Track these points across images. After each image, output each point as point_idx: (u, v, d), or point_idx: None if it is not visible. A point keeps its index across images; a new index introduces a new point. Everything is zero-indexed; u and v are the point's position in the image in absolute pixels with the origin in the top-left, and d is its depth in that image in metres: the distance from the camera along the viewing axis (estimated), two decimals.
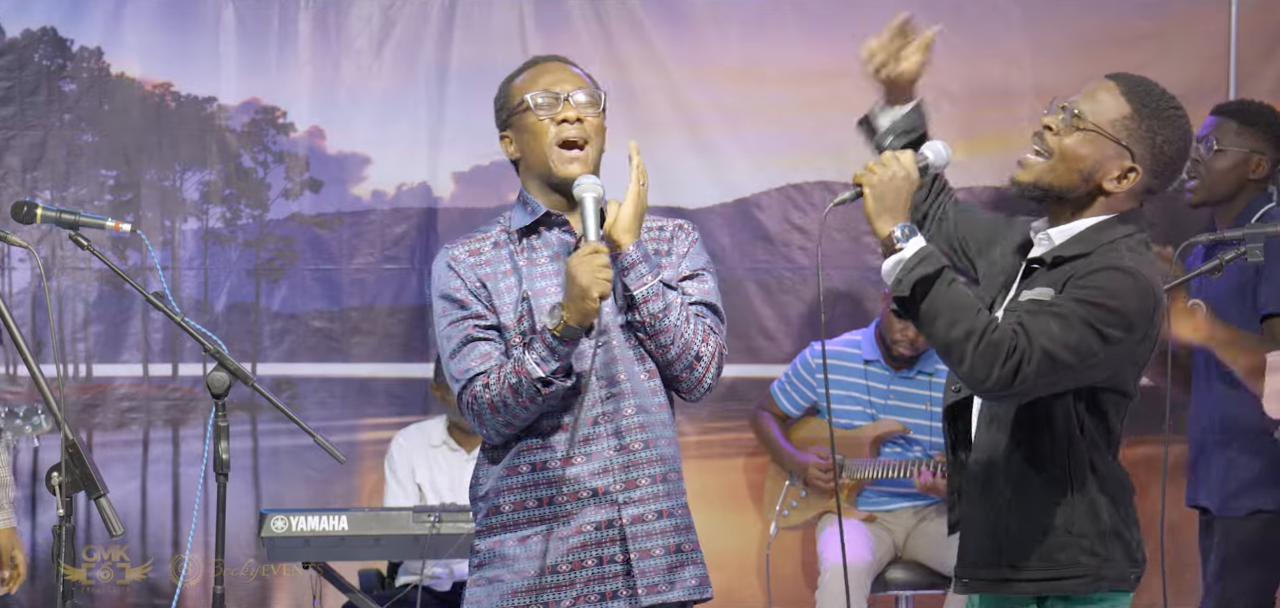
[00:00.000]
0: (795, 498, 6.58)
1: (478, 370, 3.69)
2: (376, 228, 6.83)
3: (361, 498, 6.77)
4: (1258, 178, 5.22)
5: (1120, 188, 3.46)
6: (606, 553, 3.75)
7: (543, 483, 3.73)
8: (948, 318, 3.35)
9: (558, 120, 3.74)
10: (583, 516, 3.73)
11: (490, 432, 3.72)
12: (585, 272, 3.56)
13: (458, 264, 3.75)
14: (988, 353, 3.30)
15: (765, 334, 6.93)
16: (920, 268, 3.38)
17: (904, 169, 3.50)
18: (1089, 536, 3.44)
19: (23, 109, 6.68)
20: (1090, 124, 3.47)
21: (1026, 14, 6.87)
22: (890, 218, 3.46)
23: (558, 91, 3.76)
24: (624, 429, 3.76)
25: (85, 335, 6.74)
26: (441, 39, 6.81)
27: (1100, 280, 3.36)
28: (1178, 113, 3.50)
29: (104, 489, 3.50)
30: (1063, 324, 3.32)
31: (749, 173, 6.91)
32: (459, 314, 3.73)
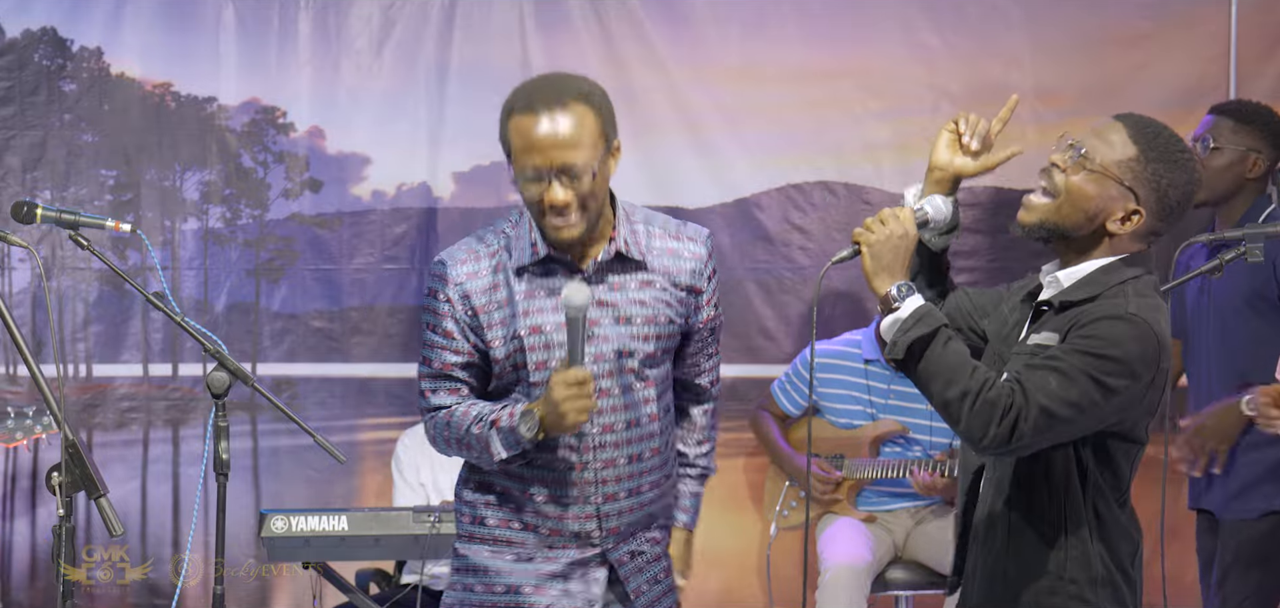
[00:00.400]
0: (795, 499, 6.58)
1: (444, 403, 3.75)
2: (376, 228, 6.83)
3: (361, 498, 6.77)
4: (1255, 176, 5.22)
5: (1124, 230, 3.46)
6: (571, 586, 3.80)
7: (529, 512, 3.77)
8: (944, 379, 3.37)
9: (540, 195, 3.62)
10: (564, 554, 3.79)
11: (441, 451, 3.82)
12: (570, 408, 3.56)
13: (454, 288, 3.71)
14: (984, 412, 3.31)
15: (765, 334, 6.93)
16: (916, 328, 3.39)
17: (902, 227, 3.49)
18: (1080, 582, 3.45)
19: (23, 109, 6.69)
20: (1097, 165, 3.45)
21: (1026, 14, 6.87)
22: (888, 277, 3.46)
23: (542, 165, 3.59)
24: (615, 479, 3.78)
25: (85, 335, 6.74)
26: (441, 39, 6.81)
27: (1101, 330, 3.35)
28: (1185, 157, 3.49)
29: (104, 489, 3.50)
30: (1061, 380, 3.31)
31: (749, 173, 6.91)
32: (441, 341, 3.73)
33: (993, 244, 6.78)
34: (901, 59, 6.88)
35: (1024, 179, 6.85)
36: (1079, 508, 3.44)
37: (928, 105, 6.89)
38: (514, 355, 3.70)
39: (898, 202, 3.72)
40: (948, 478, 6.25)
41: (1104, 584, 3.45)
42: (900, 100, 6.89)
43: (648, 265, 3.77)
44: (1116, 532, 3.47)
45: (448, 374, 3.73)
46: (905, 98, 6.89)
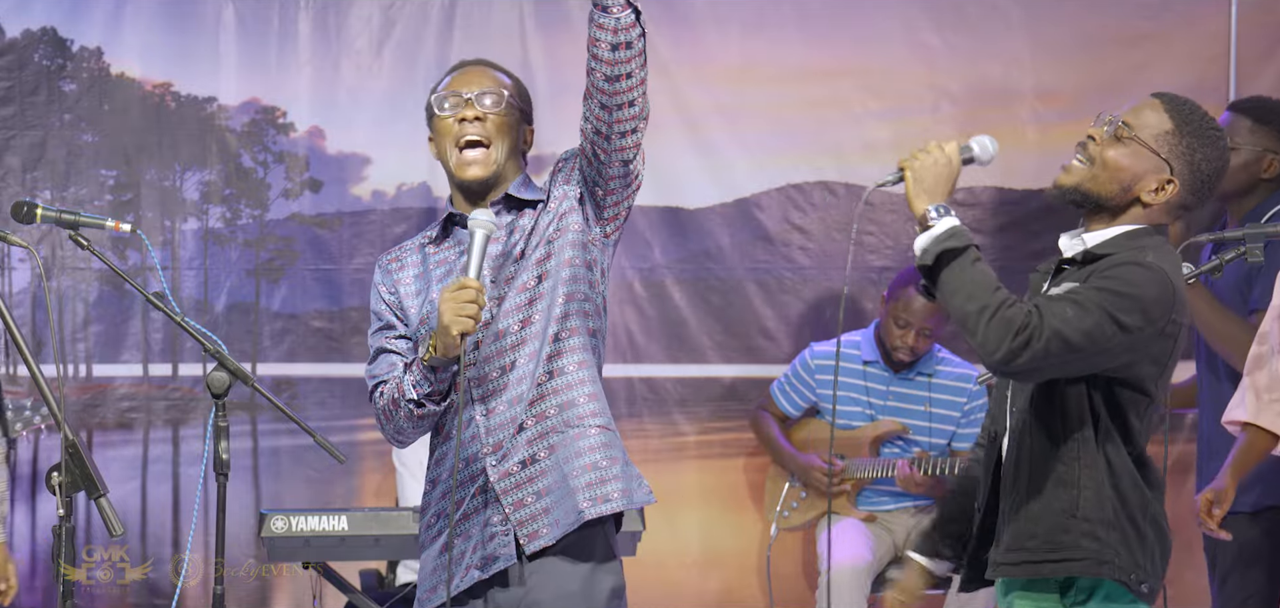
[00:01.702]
0: (796, 499, 6.58)
1: (381, 378, 3.81)
2: (376, 228, 6.83)
3: (361, 498, 6.77)
4: (1269, 177, 5.22)
5: (1157, 200, 3.58)
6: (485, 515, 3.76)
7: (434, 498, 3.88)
8: (966, 292, 3.48)
9: (459, 119, 3.76)
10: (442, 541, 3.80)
11: (388, 438, 3.88)
12: (449, 308, 3.57)
13: (381, 274, 3.87)
14: (999, 327, 3.41)
15: (765, 334, 6.93)
16: (948, 241, 3.52)
17: (946, 156, 3.65)
18: (1093, 521, 3.53)
19: (23, 109, 6.68)
20: (1133, 136, 3.57)
21: (1027, 14, 6.87)
22: (928, 198, 3.61)
23: (463, 92, 3.79)
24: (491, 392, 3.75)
25: (85, 335, 6.73)
26: (441, 39, 6.81)
27: (1121, 272, 3.47)
28: (1217, 134, 3.62)
29: (104, 489, 3.50)
30: (1078, 310, 3.42)
31: (749, 173, 6.91)
32: (376, 324, 3.86)
33: (993, 244, 6.78)
34: (901, 59, 6.89)
35: (1027, 179, 6.89)
36: (1092, 449, 3.54)
37: (928, 105, 6.89)
38: (428, 319, 3.76)
39: (897, 201, 3.76)
40: (929, 476, 6.26)
41: (1113, 528, 3.54)
42: (900, 100, 6.89)
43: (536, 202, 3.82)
44: (1127, 480, 3.55)
45: (383, 350, 3.84)
46: (905, 98, 6.89)
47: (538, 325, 3.74)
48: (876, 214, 6.92)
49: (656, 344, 6.83)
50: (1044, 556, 3.56)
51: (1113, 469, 3.54)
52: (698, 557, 6.85)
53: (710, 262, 6.91)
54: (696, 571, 6.88)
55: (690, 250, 6.87)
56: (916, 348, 6.37)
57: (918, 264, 3.57)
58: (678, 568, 6.83)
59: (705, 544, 6.87)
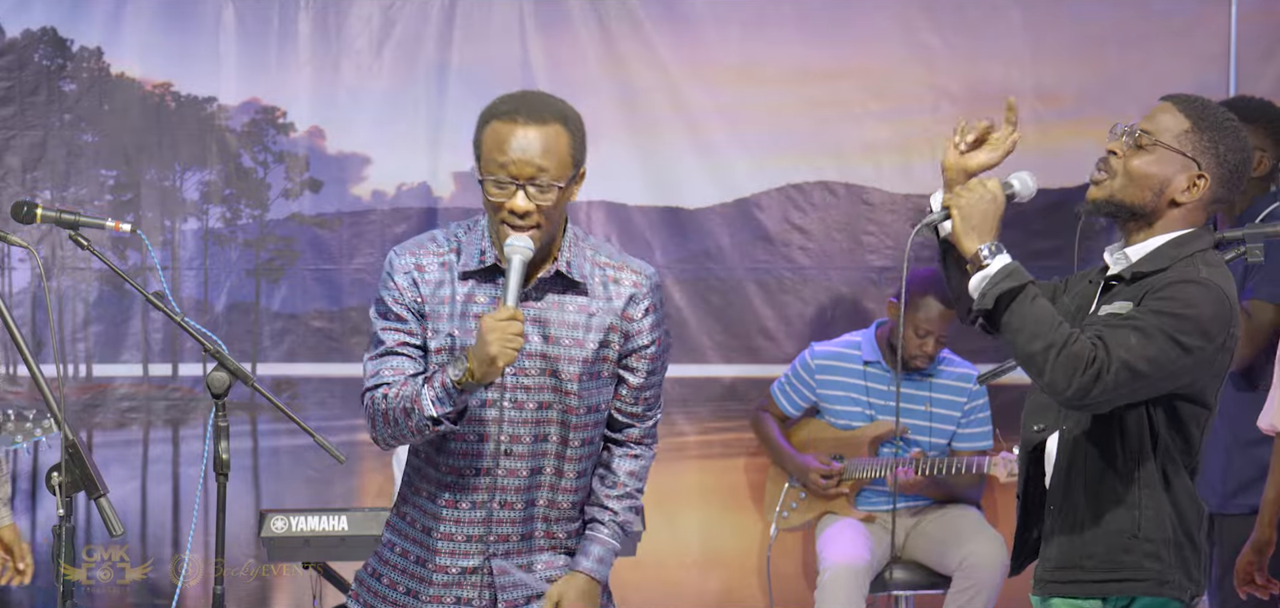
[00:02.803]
0: (795, 499, 6.58)
1: (385, 380, 3.72)
2: (376, 228, 6.83)
3: (361, 498, 6.77)
4: (1258, 175, 5.22)
5: (1191, 198, 3.58)
6: (467, 595, 3.80)
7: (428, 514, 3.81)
8: (1029, 331, 3.46)
9: (510, 209, 3.66)
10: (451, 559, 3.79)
11: (379, 439, 3.78)
12: (496, 339, 3.56)
13: (403, 275, 3.76)
14: (1067, 364, 3.40)
15: (765, 334, 6.93)
16: (1005, 282, 3.50)
17: (990, 192, 3.60)
18: (1155, 541, 3.54)
19: (23, 109, 6.68)
20: (1155, 141, 3.57)
21: (1026, 14, 6.87)
22: (977, 236, 3.58)
23: (514, 173, 3.66)
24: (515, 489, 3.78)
25: (85, 335, 6.74)
26: (441, 39, 6.81)
27: (1178, 292, 3.46)
28: (1234, 122, 3.63)
29: (104, 489, 3.50)
30: (1141, 337, 3.42)
31: (749, 173, 6.91)
32: (389, 323, 3.75)
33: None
34: (901, 59, 6.88)
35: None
36: (1150, 469, 3.53)
37: (928, 105, 6.89)
38: (445, 352, 3.73)
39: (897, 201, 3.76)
40: (922, 477, 6.26)
41: (1173, 547, 3.54)
42: (900, 100, 6.89)
43: (587, 291, 3.79)
44: (1185, 498, 3.56)
45: (394, 352, 3.75)
46: (905, 98, 6.89)
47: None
48: (876, 214, 6.92)
49: None
50: (1104, 576, 3.55)
51: (1171, 487, 3.54)
52: (698, 557, 6.85)
53: (710, 262, 6.91)
54: (696, 571, 6.88)
55: (690, 250, 6.87)
56: (934, 355, 6.39)
57: (977, 308, 3.54)
58: (678, 568, 6.84)
59: (705, 544, 6.87)
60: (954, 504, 6.42)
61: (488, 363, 3.56)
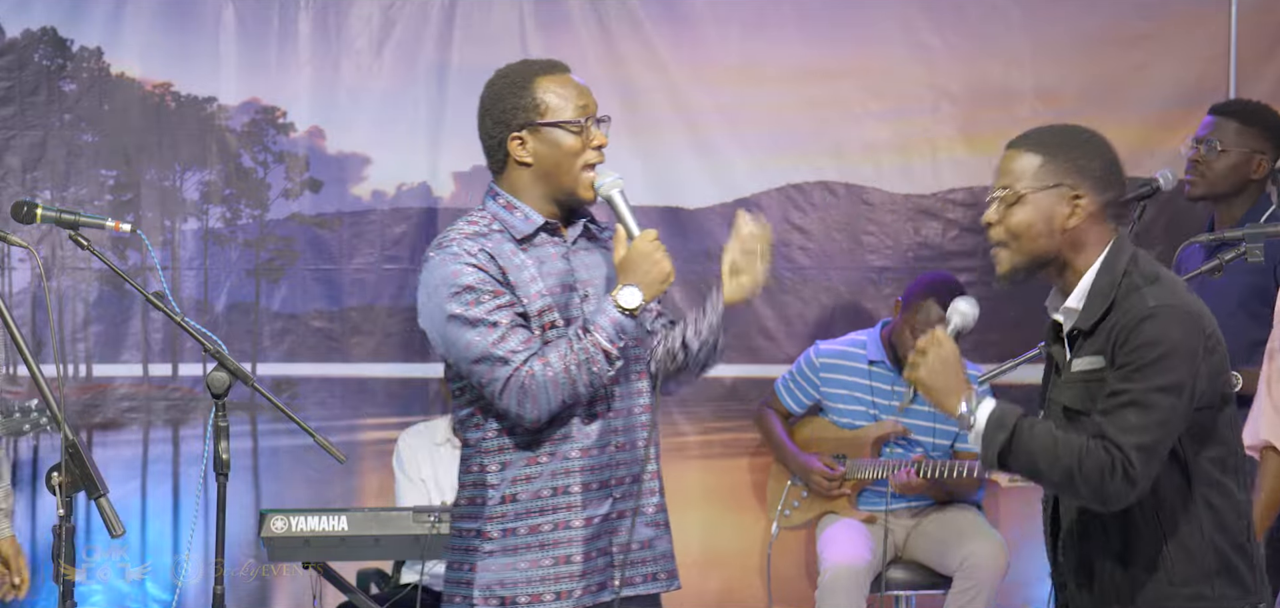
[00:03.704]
0: (797, 498, 6.58)
1: (531, 351, 3.77)
2: (376, 228, 6.83)
3: (361, 498, 6.77)
4: (1258, 178, 5.22)
5: (1079, 219, 3.52)
6: (603, 544, 3.89)
7: (561, 473, 3.85)
8: (1045, 463, 3.44)
9: (596, 145, 3.87)
10: (593, 508, 3.87)
11: (540, 413, 3.78)
12: (661, 256, 3.83)
13: (478, 256, 3.80)
14: (1094, 481, 3.38)
15: (765, 334, 6.93)
16: (998, 436, 3.48)
17: (943, 350, 3.58)
18: (1190, 580, 3.48)
19: (23, 109, 6.68)
20: (1018, 193, 3.53)
21: (1026, 14, 6.87)
22: (954, 398, 3.55)
23: (591, 113, 3.88)
24: (629, 426, 3.92)
25: (85, 335, 6.74)
26: (441, 39, 6.81)
27: (1141, 337, 3.40)
28: (1083, 131, 3.60)
29: (104, 489, 3.50)
30: (1139, 411, 3.38)
31: (749, 173, 6.91)
32: (495, 302, 3.78)
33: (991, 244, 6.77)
34: (901, 59, 6.88)
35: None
36: (1175, 507, 3.47)
37: (928, 105, 6.89)
38: (548, 311, 3.82)
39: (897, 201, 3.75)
40: (925, 478, 6.25)
41: (1218, 576, 3.48)
42: (900, 100, 6.89)
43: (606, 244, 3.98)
44: (1229, 514, 3.50)
45: (517, 326, 3.80)
46: (905, 98, 6.89)
47: None
48: (876, 214, 6.92)
49: None
50: None
51: (1214, 510, 3.48)
52: (698, 556, 6.85)
53: (710, 262, 6.91)
54: (697, 570, 6.87)
55: (690, 250, 6.87)
56: None
57: (984, 469, 3.57)
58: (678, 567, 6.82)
59: (706, 544, 6.87)
60: (955, 504, 6.42)
61: (660, 281, 3.83)
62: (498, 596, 3.85)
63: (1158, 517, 3.47)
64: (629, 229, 3.85)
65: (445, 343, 3.83)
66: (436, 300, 3.82)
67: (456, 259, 3.80)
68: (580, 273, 3.91)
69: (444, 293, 3.80)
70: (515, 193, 3.89)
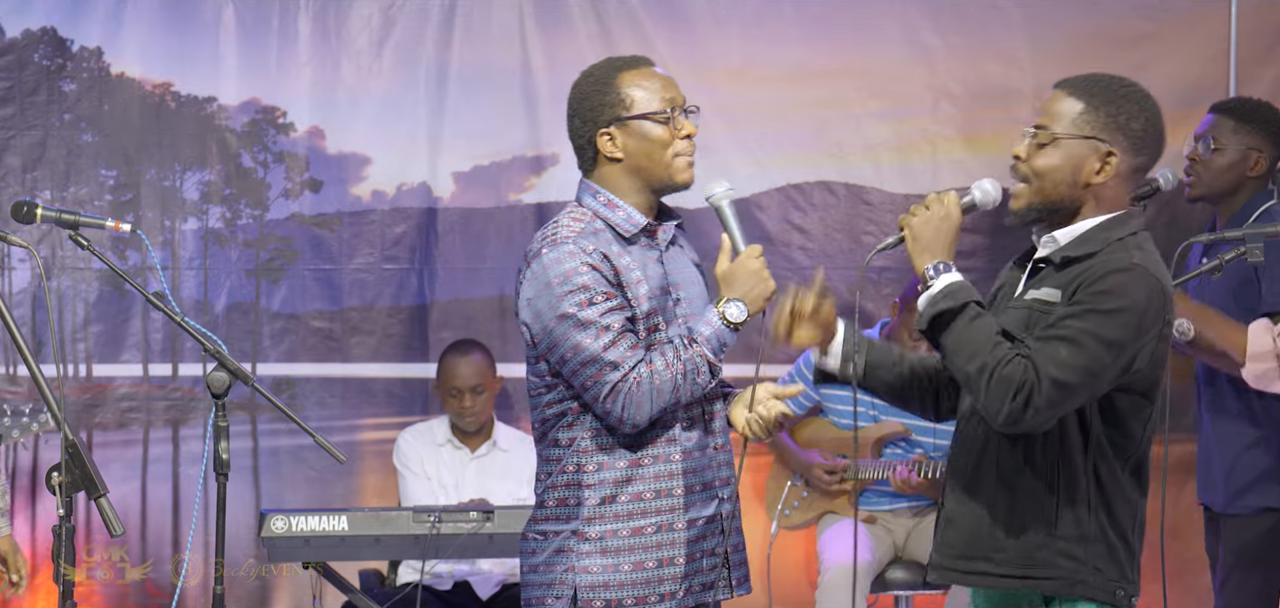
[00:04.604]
0: (797, 498, 6.58)
1: (639, 357, 3.79)
2: (376, 228, 6.83)
3: (361, 498, 6.77)
4: (1256, 175, 5.21)
5: (1106, 176, 3.51)
6: (708, 545, 3.94)
7: (664, 475, 3.88)
8: (966, 352, 3.43)
9: (686, 135, 3.96)
10: (696, 509, 3.91)
11: (642, 418, 3.80)
12: (766, 273, 3.94)
13: (593, 256, 3.81)
14: (999, 388, 3.37)
15: (765, 334, 6.92)
16: (944, 302, 3.47)
17: (945, 209, 3.58)
18: (1070, 539, 3.46)
19: (23, 109, 6.68)
20: (1054, 134, 3.52)
21: (1026, 14, 6.87)
22: (928, 256, 3.55)
23: (681, 105, 3.97)
24: (721, 428, 4.00)
25: (85, 335, 6.74)
26: (441, 39, 6.81)
27: (1107, 284, 3.39)
28: (1133, 87, 3.60)
29: (104, 489, 3.49)
30: (1071, 348, 3.36)
31: (749, 173, 6.90)
32: (608, 304, 3.80)
33: (992, 244, 6.78)
34: (901, 59, 6.88)
35: None
36: (1076, 468, 3.46)
37: (928, 105, 6.89)
38: (653, 315, 3.85)
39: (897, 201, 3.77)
40: (926, 478, 6.25)
41: (1096, 542, 3.47)
42: (900, 100, 6.89)
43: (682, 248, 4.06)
44: (1118, 497, 3.48)
45: (628, 331, 3.81)
46: (905, 98, 6.89)
47: None
48: (876, 214, 6.92)
49: None
50: (1013, 572, 3.49)
51: (1102, 485, 3.47)
52: None
53: (711, 262, 6.90)
54: None
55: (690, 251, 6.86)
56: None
57: (916, 326, 3.54)
58: None
59: None
60: None
61: (765, 298, 3.94)
62: (603, 598, 3.85)
63: (1058, 471, 3.46)
64: (735, 242, 3.93)
65: (552, 341, 3.81)
66: (548, 297, 3.79)
67: (572, 257, 3.79)
68: (673, 275, 3.96)
69: (559, 291, 3.79)
70: (613, 190, 3.91)
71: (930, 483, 6.30)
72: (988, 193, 3.65)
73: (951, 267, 3.51)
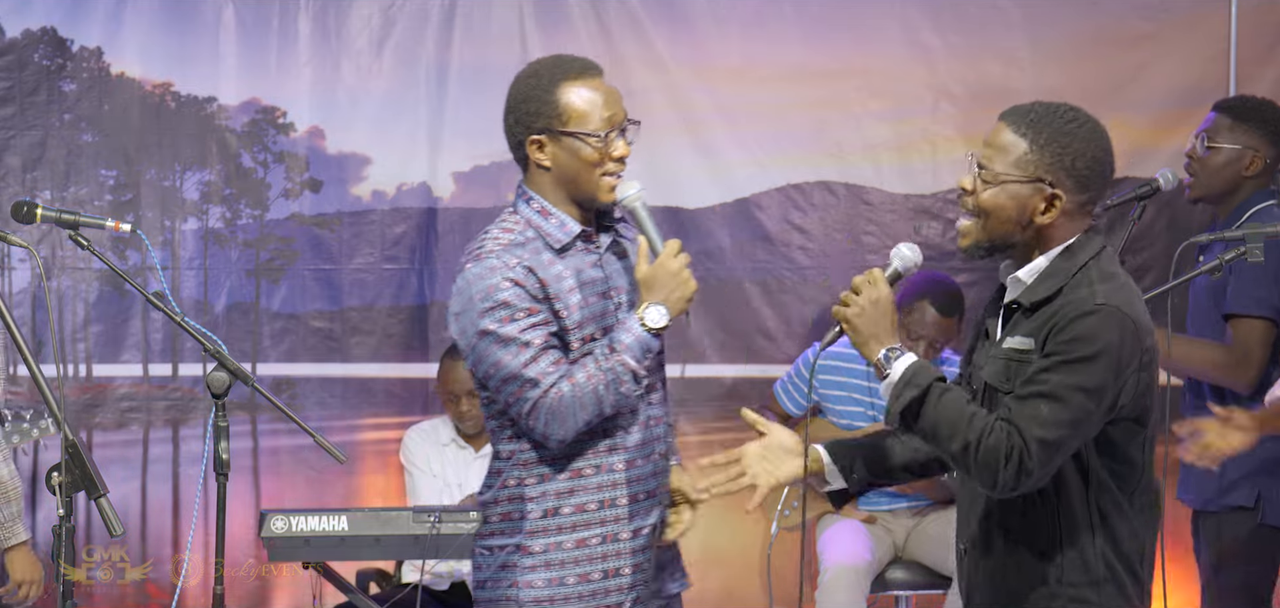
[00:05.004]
0: (797, 498, 6.58)
1: (560, 373, 3.72)
2: (376, 228, 6.83)
3: (361, 498, 6.77)
4: (1253, 174, 5.20)
5: (1053, 217, 3.43)
6: (649, 555, 3.90)
7: (608, 485, 3.83)
8: (945, 433, 3.40)
9: (617, 157, 3.81)
10: (640, 519, 3.86)
11: (566, 433, 3.75)
12: (687, 273, 3.80)
13: (516, 270, 3.73)
14: (988, 461, 3.34)
15: (765, 334, 6.93)
16: (907, 392, 3.43)
17: (876, 292, 3.52)
18: (1079, 584, 3.44)
19: (23, 109, 6.69)
20: (997, 174, 3.44)
21: (1026, 14, 6.87)
22: (875, 344, 3.50)
23: (617, 122, 3.81)
24: (664, 434, 3.94)
25: (85, 335, 6.74)
26: (441, 39, 6.81)
27: (1076, 331, 3.34)
28: (1078, 123, 3.45)
29: (104, 489, 3.49)
30: (1051, 405, 3.32)
31: (749, 173, 6.91)
32: (529, 320, 3.72)
33: None
34: (901, 59, 6.88)
35: None
36: (1076, 511, 3.42)
37: (928, 105, 6.89)
38: (585, 323, 3.78)
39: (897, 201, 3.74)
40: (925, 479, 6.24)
41: (1106, 583, 3.44)
42: (900, 100, 6.89)
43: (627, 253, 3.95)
44: (1123, 530, 3.45)
45: (549, 346, 3.74)
46: (905, 98, 6.89)
47: None
48: (876, 214, 6.92)
49: None
50: None
51: (1106, 520, 3.43)
52: (698, 556, 6.81)
53: (710, 262, 6.91)
54: (696, 570, 6.79)
55: (690, 250, 6.70)
56: (929, 359, 6.37)
57: (886, 420, 3.50)
58: None
59: (705, 544, 6.86)
60: (955, 504, 6.41)
61: (686, 300, 3.80)
62: None
63: (1058, 517, 3.43)
64: (653, 243, 3.82)
65: (476, 357, 3.77)
66: (470, 314, 3.74)
67: (494, 273, 3.72)
68: (614, 280, 3.87)
69: (480, 307, 3.73)
70: (546, 197, 3.82)
71: (931, 482, 6.30)
72: (907, 259, 3.62)
73: (901, 349, 3.47)
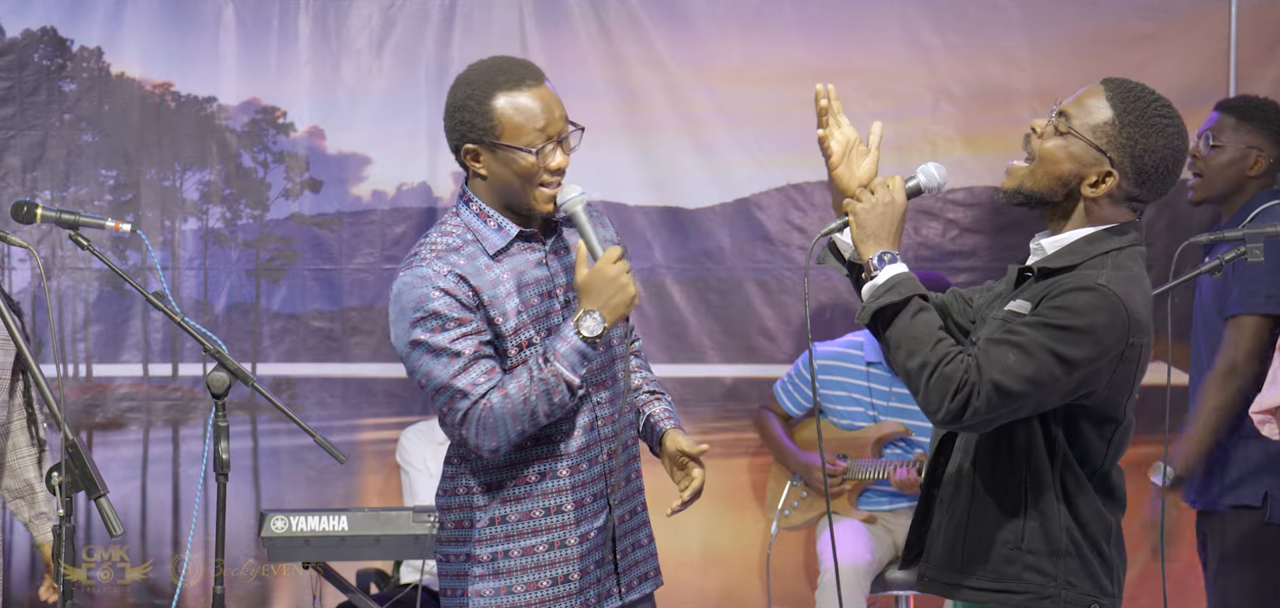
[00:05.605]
0: (797, 498, 6.58)
1: (491, 384, 3.67)
2: (376, 228, 6.83)
3: (361, 498, 6.77)
4: (1257, 174, 5.20)
5: (1097, 193, 3.41)
6: (601, 556, 3.82)
7: (552, 491, 3.77)
8: (907, 348, 3.34)
9: (552, 169, 3.71)
10: (587, 523, 3.80)
11: (499, 443, 3.69)
12: (626, 280, 3.66)
13: (447, 279, 3.67)
14: (939, 386, 3.29)
15: (765, 334, 6.93)
16: (887, 296, 3.37)
17: (891, 195, 3.47)
18: (1039, 553, 3.41)
19: (23, 109, 6.69)
20: (1072, 129, 3.42)
21: (1026, 14, 6.87)
22: (873, 244, 3.44)
23: (552, 135, 3.70)
24: (611, 435, 3.82)
25: (85, 335, 6.74)
26: (441, 39, 6.81)
27: (1068, 300, 3.31)
28: (1167, 123, 3.44)
29: (104, 489, 3.50)
30: (1019, 355, 3.28)
31: (749, 173, 6.91)
32: (460, 330, 3.66)
33: (992, 244, 6.79)
34: (901, 59, 6.89)
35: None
36: (1044, 480, 3.40)
37: (928, 105, 6.89)
38: (523, 328, 3.71)
39: None
40: None
41: (1068, 556, 3.41)
42: (900, 100, 6.89)
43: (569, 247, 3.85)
44: (1088, 509, 3.42)
45: (480, 356, 3.68)
46: (905, 98, 6.89)
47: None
48: None
49: (657, 344, 6.83)
50: (985, 585, 3.44)
51: (1069, 497, 3.40)
52: (698, 557, 6.85)
53: (710, 262, 6.91)
54: (696, 570, 6.88)
55: (690, 250, 6.87)
56: None
57: (857, 319, 3.43)
58: (678, 568, 6.83)
59: (705, 544, 6.87)
60: None
61: (625, 305, 3.66)
62: None
63: (1025, 485, 3.41)
64: (592, 248, 3.70)
65: (410, 367, 3.73)
66: (403, 324, 3.69)
67: (425, 281, 3.67)
68: (559, 277, 3.79)
69: (412, 316, 3.67)
70: (486, 200, 3.76)
71: None
72: (932, 176, 3.54)
73: (897, 257, 3.41)
